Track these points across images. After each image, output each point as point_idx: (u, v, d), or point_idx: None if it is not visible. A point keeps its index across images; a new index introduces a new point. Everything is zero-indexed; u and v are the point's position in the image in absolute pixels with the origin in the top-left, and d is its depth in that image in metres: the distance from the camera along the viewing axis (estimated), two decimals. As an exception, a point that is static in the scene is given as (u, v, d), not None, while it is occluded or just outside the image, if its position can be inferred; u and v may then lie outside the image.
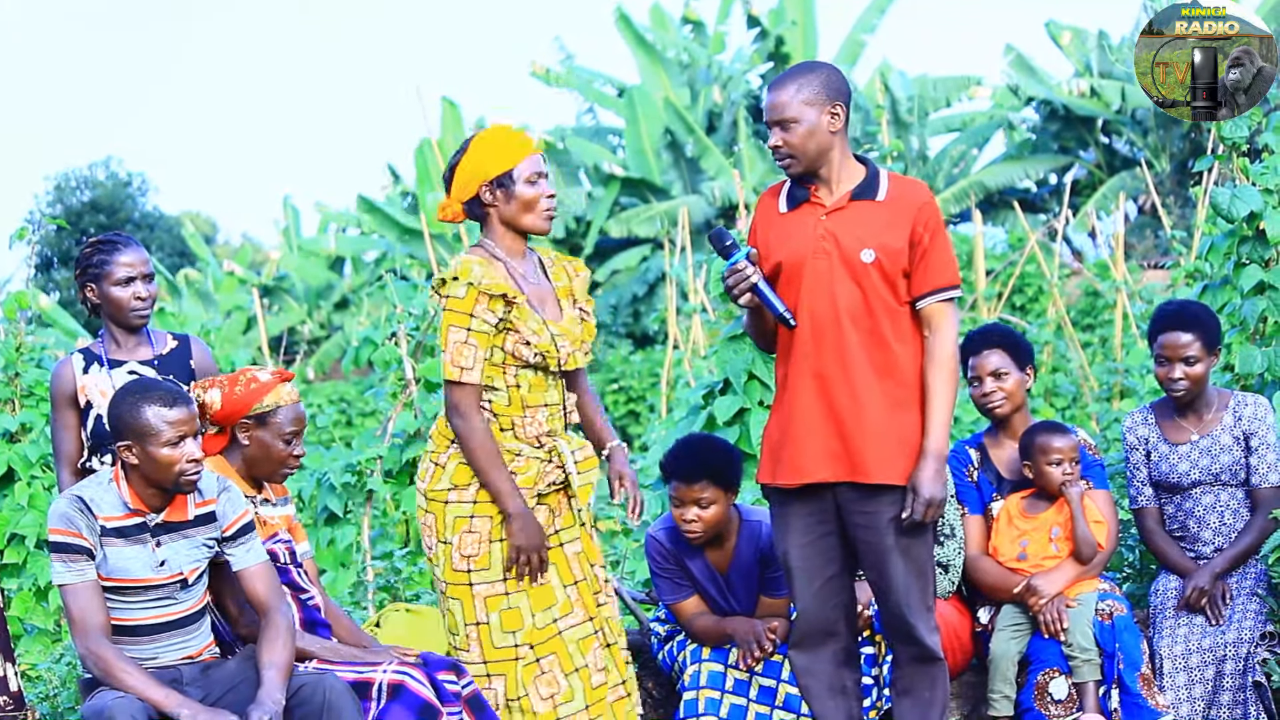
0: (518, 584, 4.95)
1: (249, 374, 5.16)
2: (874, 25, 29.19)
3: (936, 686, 5.04)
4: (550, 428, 5.04)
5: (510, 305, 4.94)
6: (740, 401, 7.81)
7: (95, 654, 4.56)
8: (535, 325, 4.97)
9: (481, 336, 4.93)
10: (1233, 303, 6.72)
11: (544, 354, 4.96)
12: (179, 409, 4.63)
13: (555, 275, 5.18)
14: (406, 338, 8.90)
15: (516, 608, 4.96)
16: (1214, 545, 5.80)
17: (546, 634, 4.98)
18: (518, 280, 5.03)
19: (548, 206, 5.05)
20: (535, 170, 5.03)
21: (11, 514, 8.44)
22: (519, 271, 5.05)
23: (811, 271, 4.90)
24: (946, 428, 4.86)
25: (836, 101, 4.89)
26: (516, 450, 4.98)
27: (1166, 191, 26.36)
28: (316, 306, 30.95)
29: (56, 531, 4.61)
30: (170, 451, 4.61)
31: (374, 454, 8.47)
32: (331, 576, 8.25)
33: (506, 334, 4.96)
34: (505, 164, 5.02)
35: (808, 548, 5.03)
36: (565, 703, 4.97)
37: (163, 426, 4.60)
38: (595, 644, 5.03)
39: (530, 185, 5.02)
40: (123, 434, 4.65)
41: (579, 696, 4.98)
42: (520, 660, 4.96)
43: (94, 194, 36.40)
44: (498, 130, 5.12)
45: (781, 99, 4.87)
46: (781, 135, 4.88)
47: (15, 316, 8.80)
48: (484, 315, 4.93)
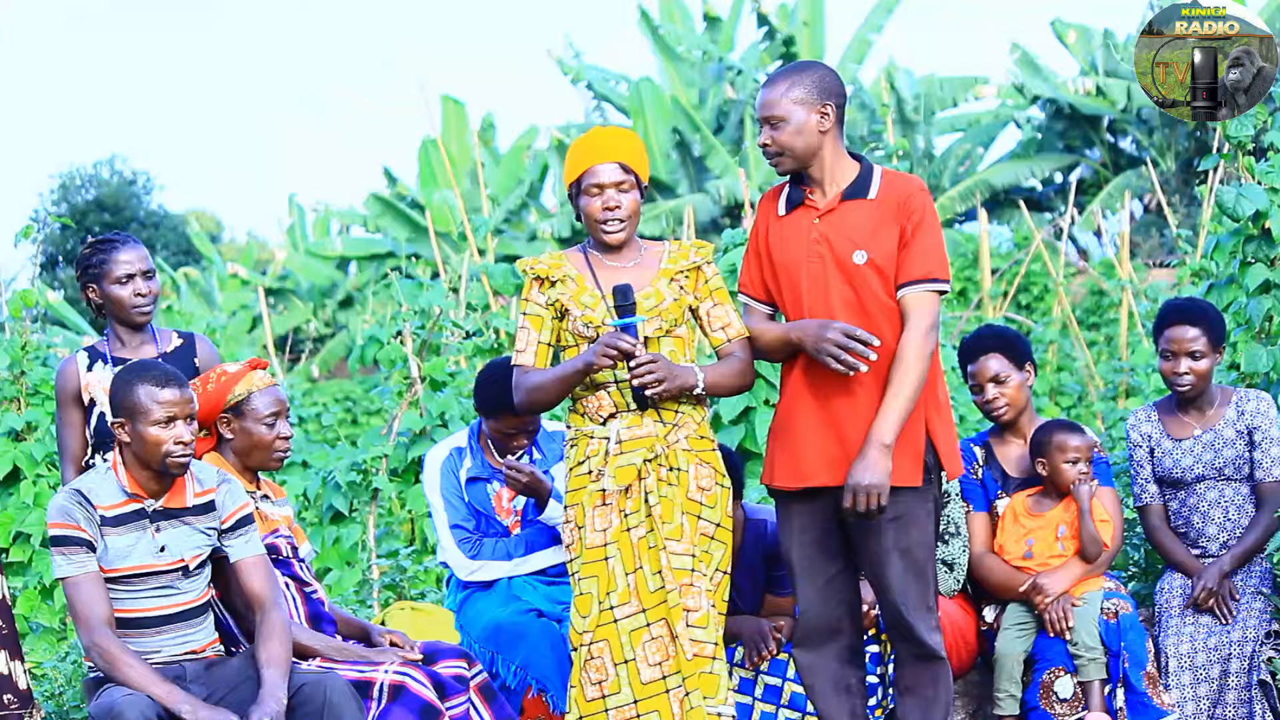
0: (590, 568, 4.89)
1: (219, 368, 5.21)
2: (881, 25, 29.18)
3: (939, 685, 5.04)
4: (618, 404, 4.94)
5: (553, 285, 4.96)
6: (745, 400, 7.81)
7: (99, 646, 4.57)
8: (589, 300, 4.95)
9: (535, 319, 5.01)
10: (1238, 301, 6.71)
11: (590, 325, 4.92)
12: (171, 389, 4.67)
13: (674, 259, 5.06)
14: (412, 336, 8.91)
15: (588, 593, 4.92)
16: (1219, 541, 5.80)
17: (603, 619, 4.91)
18: (592, 264, 5.01)
19: (603, 219, 4.97)
20: (594, 181, 4.96)
21: (17, 512, 8.46)
22: (605, 259, 5.02)
23: (808, 275, 4.91)
24: (896, 419, 4.77)
25: (827, 102, 4.90)
26: (589, 432, 4.96)
27: (1172, 190, 26.36)
28: (321, 305, 30.97)
29: (55, 525, 4.64)
30: (159, 431, 4.64)
31: (379, 452, 8.49)
32: (337, 575, 8.26)
33: (565, 315, 4.97)
34: (575, 171, 5.00)
35: (811, 546, 5.03)
36: (613, 694, 4.89)
37: (152, 405, 4.64)
38: (646, 636, 4.89)
39: (590, 197, 4.98)
40: (118, 411, 4.71)
41: (625, 689, 4.88)
42: (584, 646, 4.92)
43: (99, 192, 36.46)
44: (590, 133, 5.07)
45: (771, 97, 4.91)
46: (770, 133, 4.92)
47: (21, 315, 8.82)
48: (535, 298, 5.01)
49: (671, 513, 4.92)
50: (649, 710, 4.86)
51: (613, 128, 5.15)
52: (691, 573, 4.92)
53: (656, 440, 4.92)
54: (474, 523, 5.90)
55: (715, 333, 5.08)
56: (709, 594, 4.95)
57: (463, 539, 5.87)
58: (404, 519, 8.65)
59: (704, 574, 4.94)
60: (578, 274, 5.00)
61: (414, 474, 8.65)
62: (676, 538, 4.92)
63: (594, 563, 4.92)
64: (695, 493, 4.96)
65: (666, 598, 4.88)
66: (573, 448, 5.02)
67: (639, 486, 4.92)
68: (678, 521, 4.93)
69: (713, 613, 4.93)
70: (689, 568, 4.92)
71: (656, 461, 4.92)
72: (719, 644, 4.93)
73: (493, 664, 5.58)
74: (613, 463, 4.91)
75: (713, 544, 4.99)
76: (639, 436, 4.92)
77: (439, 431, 8.61)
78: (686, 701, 4.85)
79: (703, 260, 5.07)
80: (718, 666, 4.90)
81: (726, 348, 5.08)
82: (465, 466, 5.94)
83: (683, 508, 4.94)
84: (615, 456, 4.91)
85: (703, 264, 5.07)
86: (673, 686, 4.87)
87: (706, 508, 4.98)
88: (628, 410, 4.94)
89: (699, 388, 4.92)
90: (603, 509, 4.92)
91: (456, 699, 4.92)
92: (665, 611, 4.89)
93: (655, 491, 4.91)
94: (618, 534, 4.91)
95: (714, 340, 5.09)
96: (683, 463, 4.96)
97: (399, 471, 8.65)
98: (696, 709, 4.84)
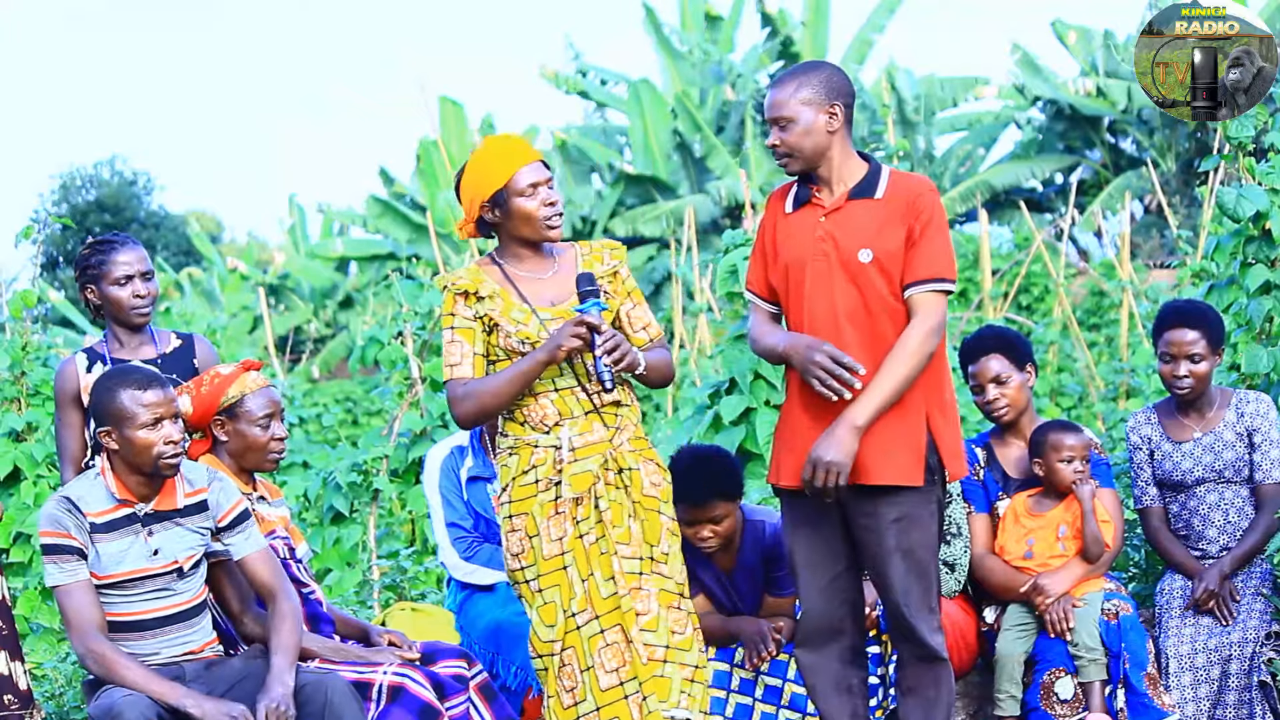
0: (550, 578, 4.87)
1: (213, 371, 5.20)
2: (883, 25, 29.17)
3: (941, 686, 5.04)
4: (562, 412, 4.94)
5: (480, 300, 4.92)
6: (746, 401, 7.81)
7: (93, 651, 4.56)
8: (520, 315, 4.92)
9: (466, 333, 4.94)
10: (1239, 302, 6.71)
11: (526, 340, 4.90)
12: (153, 391, 4.65)
13: (588, 264, 5.06)
14: (412, 336, 8.91)
15: (552, 602, 4.90)
16: (1219, 543, 5.80)
17: (569, 625, 4.90)
18: (511, 278, 4.99)
19: (546, 215, 4.96)
20: (531, 181, 4.94)
21: (18, 512, 8.46)
22: (523, 271, 5.02)
23: (812, 273, 4.90)
24: (874, 405, 4.75)
25: (835, 102, 4.89)
26: (533, 441, 4.94)
27: (1172, 191, 26.36)
28: (322, 305, 30.98)
29: (46, 534, 4.63)
30: (147, 434, 4.62)
31: (380, 453, 8.49)
32: (337, 575, 8.26)
33: (495, 330, 4.93)
34: (498, 181, 4.94)
35: (814, 545, 5.02)
36: (581, 701, 4.88)
37: (138, 409, 4.62)
38: (601, 643, 4.88)
39: (526, 198, 4.94)
40: (102, 420, 4.67)
41: (590, 697, 4.88)
42: (555, 655, 4.90)
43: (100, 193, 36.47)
44: (491, 144, 5.04)
45: (780, 97, 4.89)
46: (779, 134, 4.90)
47: (21, 315, 8.81)
48: (462, 312, 4.95)
49: (621, 516, 4.90)
50: (610, 717, 4.84)
51: (507, 135, 5.13)
52: (640, 575, 4.89)
53: (605, 444, 4.91)
54: (471, 522, 5.90)
55: (637, 333, 5.06)
56: (678, 593, 4.94)
57: (458, 538, 5.87)
58: (404, 520, 8.65)
59: (670, 574, 4.93)
60: (500, 289, 4.96)
61: (414, 475, 8.65)
62: (625, 541, 4.90)
63: (553, 572, 4.90)
64: (650, 489, 4.95)
65: (620, 603, 4.86)
66: (513, 456, 4.96)
67: (590, 492, 4.90)
68: (626, 525, 4.91)
69: (666, 613, 4.89)
70: (638, 571, 4.90)
71: (605, 465, 4.90)
72: (670, 646, 4.88)
73: (493, 665, 5.59)
74: (568, 471, 4.89)
75: (674, 539, 5.00)
76: (591, 443, 4.90)
77: (439, 432, 8.61)
78: (645, 706, 4.83)
79: (618, 263, 5.08)
80: (669, 669, 4.87)
81: (649, 348, 5.07)
82: (466, 465, 5.95)
83: (640, 507, 4.92)
84: (570, 464, 4.89)
85: (619, 266, 5.08)
86: (630, 693, 4.84)
87: (663, 502, 4.98)
88: (573, 416, 4.91)
89: (641, 368, 4.91)
90: (556, 518, 4.89)
91: (456, 699, 4.92)
92: (619, 617, 4.86)
93: (605, 496, 4.89)
94: (572, 541, 4.90)
95: (637, 341, 5.04)
96: (631, 463, 4.94)
97: (399, 472, 8.65)
98: (654, 713, 4.82)
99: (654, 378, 5.02)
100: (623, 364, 4.83)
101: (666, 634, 4.88)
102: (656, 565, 4.92)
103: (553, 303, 4.96)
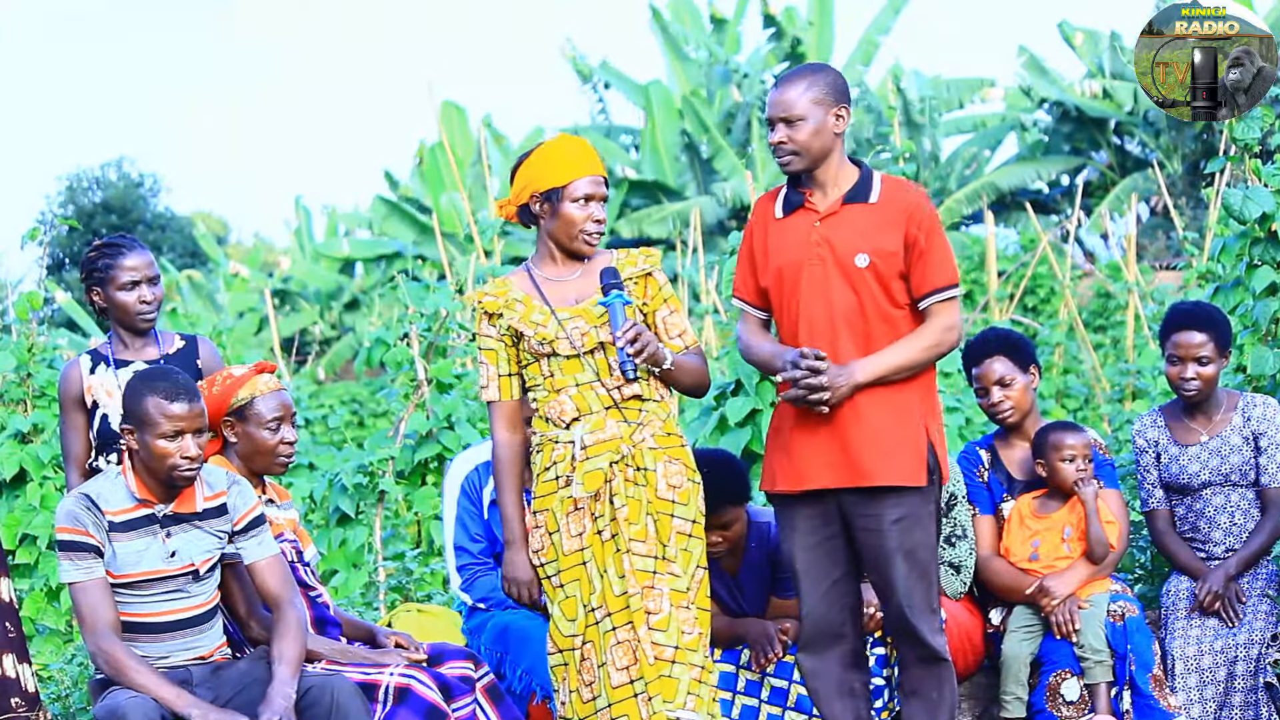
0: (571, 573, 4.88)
1: (225, 372, 5.17)
2: (889, 26, 29.18)
3: (944, 687, 5.04)
4: (580, 407, 4.91)
5: (502, 316, 4.94)
6: (752, 403, 7.80)
7: (105, 651, 4.57)
8: (539, 317, 4.93)
9: (490, 354, 4.99)
10: (1245, 304, 6.71)
11: (544, 341, 4.91)
12: (180, 403, 4.62)
13: (621, 266, 5.02)
14: (418, 338, 8.92)
15: (573, 596, 4.91)
16: (1225, 546, 5.80)
17: (588, 621, 4.90)
18: (537, 282, 5.00)
19: (590, 230, 4.96)
20: (587, 192, 4.95)
21: (23, 514, 8.47)
22: (549, 274, 5.01)
23: (808, 278, 4.91)
24: (882, 365, 4.81)
25: (842, 104, 4.91)
26: (554, 438, 4.94)
27: (1179, 193, 26.33)
28: (328, 307, 30.98)
29: (64, 530, 4.62)
30: (165, 444, 4.61)
31: (386, 455, 8.50)
32: (343, 577, 8.27)
33: (521, 340, 4.95)
34: (558, 179, 4.95)
35: (813, 550, 5.02)
36: (596, 696, 4.87)
37: (160, 419, 4.60)
38: (613, 640, 4.86)
39: (577, 205, 4.95)
40: (127, 418, 4.67)
41: (604, 693, 4.87)
42: (576, 650, 4.90)
43: (106, 194, 36.46)
44: (565, 142, 5.04)
45: (789, 96, 4.88)
46: (786, 132, 4.89)
47: (27, 317, 8.82)
48: (487, 331, 5.00)
49: (637, 514, 4.88)
50: (620, 714, 4.83)
51: (581, 139, 5.12)
52: (654, 575, 4.87)
53: (622, 441, 4.89)
54: (483, 546, 5.84)
55: (673, 340, 5.04)
56: (688, 593, 4.90)
57: (462, 565, 5.84)
58: (410, 521, 8.65)
59: (681, 574, 4.89)
60: (524, 295, 4.98)
61: (420, 476, 8.66)
62: (641, 539, 4.88)
63: (573, 567, 4.91)
64: (666, 491, 4.91)
65: (630, 601, 4.85)
66: (538, 453, 4.99)
67: (606, 489, 4.89)
68: (643, 523, 4.88)
69: (676, 613, 4.87)
70: (651, 569, 4.88)
71: (623, 463, 4.89)
72: (679, 647, 4.86)
73: (500, 666, 5.58)
74: (580, 469, 4.89)
75: (690, 541, 4.94)
76: (603, 440, 4.89)
77: (445, 434, 8.61)
78: (651, 706, 4.82)
79: (652, 267, 5.06)
80: (677, 670, 4.84)
81: (684, 355, 5.05)
82: (489, 486, 5.86)
83: (653, 507, 4.90)
84: (582, 462, 4.89)
85: (653, 271, 5.06)
86: (639, 691, 4.84)
87: (679, 505, 4.93)
88: (590, 413, 4.91)
89: (668, 363, 4.91)
90: (575, 514, 4.90)
91: (462, 700, 4.92)
92: (630, 615, 4.85)
93: (621, 494, 4.88)
94: (590, 537, 4.90)
95: (672, 348, 5.02)
96: (649, 462, 4.90)
97: (405, 474, 8.66)
98: (658, 713, 4.80)
99: (685, 380, 5.01)
100: (644, 355, 4.84)
101: (676, 634, 4.87)
102: (669, 565, 4.90)
103: (576, 301, 4.97)
